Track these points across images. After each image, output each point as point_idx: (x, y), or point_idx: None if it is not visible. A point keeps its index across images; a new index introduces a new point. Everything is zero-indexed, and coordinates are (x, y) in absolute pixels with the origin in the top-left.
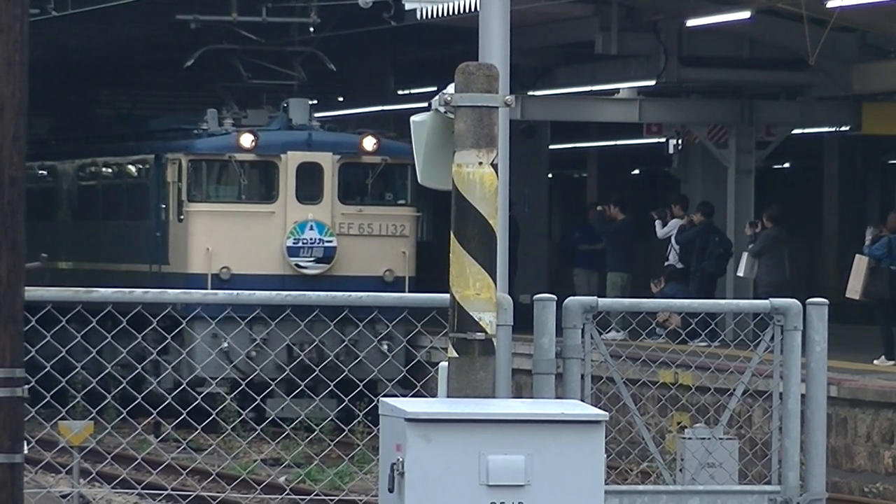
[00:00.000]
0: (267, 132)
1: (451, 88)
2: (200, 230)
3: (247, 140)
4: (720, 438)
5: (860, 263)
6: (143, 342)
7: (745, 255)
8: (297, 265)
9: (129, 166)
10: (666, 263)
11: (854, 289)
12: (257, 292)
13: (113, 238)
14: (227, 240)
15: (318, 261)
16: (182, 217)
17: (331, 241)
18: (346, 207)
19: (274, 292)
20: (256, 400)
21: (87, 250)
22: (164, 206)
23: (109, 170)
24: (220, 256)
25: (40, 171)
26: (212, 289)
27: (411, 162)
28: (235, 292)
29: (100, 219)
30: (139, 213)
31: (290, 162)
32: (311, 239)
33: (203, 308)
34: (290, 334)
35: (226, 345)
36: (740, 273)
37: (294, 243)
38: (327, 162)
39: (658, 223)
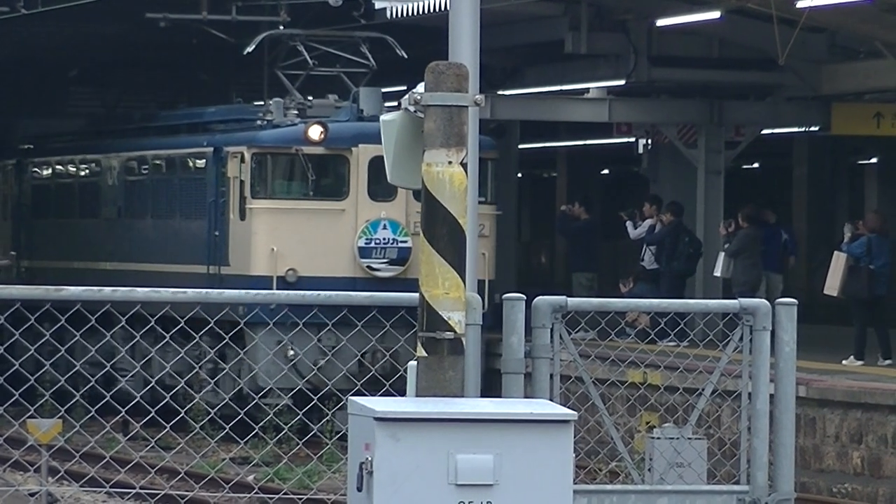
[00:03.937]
0: (336, 123)
1: (420, 87)
2: (264, 229)
3: (315, 132)
4: (689, 438)
5: (839, 260)
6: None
7: (721, 255)
8: (368, 267)
9: (184, 160)
10: (640, 263)
11: (832, 286)
12: (225, 291)
13: (165, 237)
14: (293, 240)
15: (391, 262)
16: (244, 215)
17: (405, 242)
18: None
19: (257, 292)
20: (310, 401)
21: (135, 250)
22: (223, 202)
23: (160, 164)
24: (286, 257)
25: (81, 166)
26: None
27: (493, 156)
28: (215, 291)
29: (149, 216)
30: (195, 210)
31: (362, 156)
32: (384, 239)
33: (265, 312)
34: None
35: (292, 352)
36: (717, 273)
37: (366, 243)
38: None
39: (629, 224)
